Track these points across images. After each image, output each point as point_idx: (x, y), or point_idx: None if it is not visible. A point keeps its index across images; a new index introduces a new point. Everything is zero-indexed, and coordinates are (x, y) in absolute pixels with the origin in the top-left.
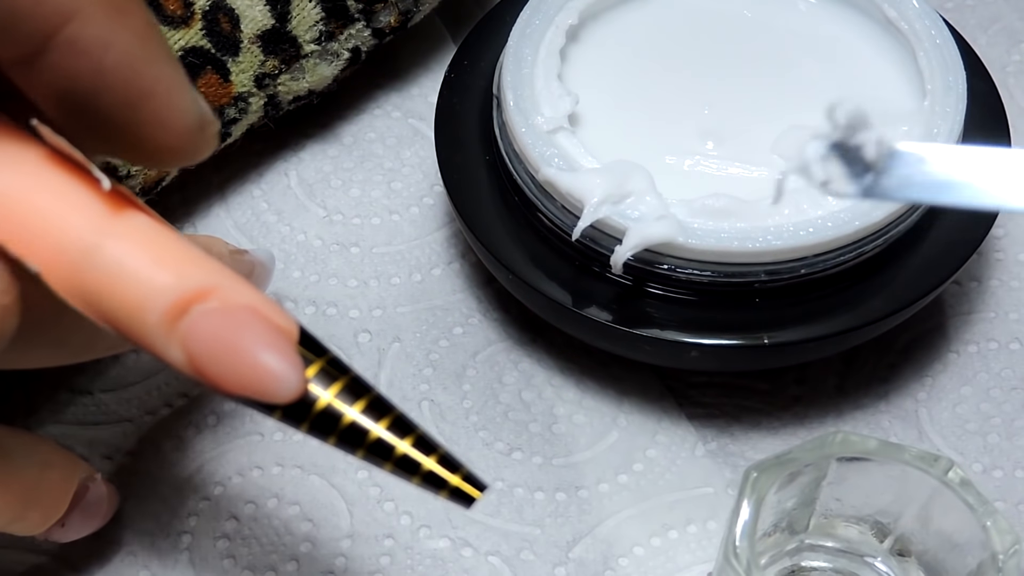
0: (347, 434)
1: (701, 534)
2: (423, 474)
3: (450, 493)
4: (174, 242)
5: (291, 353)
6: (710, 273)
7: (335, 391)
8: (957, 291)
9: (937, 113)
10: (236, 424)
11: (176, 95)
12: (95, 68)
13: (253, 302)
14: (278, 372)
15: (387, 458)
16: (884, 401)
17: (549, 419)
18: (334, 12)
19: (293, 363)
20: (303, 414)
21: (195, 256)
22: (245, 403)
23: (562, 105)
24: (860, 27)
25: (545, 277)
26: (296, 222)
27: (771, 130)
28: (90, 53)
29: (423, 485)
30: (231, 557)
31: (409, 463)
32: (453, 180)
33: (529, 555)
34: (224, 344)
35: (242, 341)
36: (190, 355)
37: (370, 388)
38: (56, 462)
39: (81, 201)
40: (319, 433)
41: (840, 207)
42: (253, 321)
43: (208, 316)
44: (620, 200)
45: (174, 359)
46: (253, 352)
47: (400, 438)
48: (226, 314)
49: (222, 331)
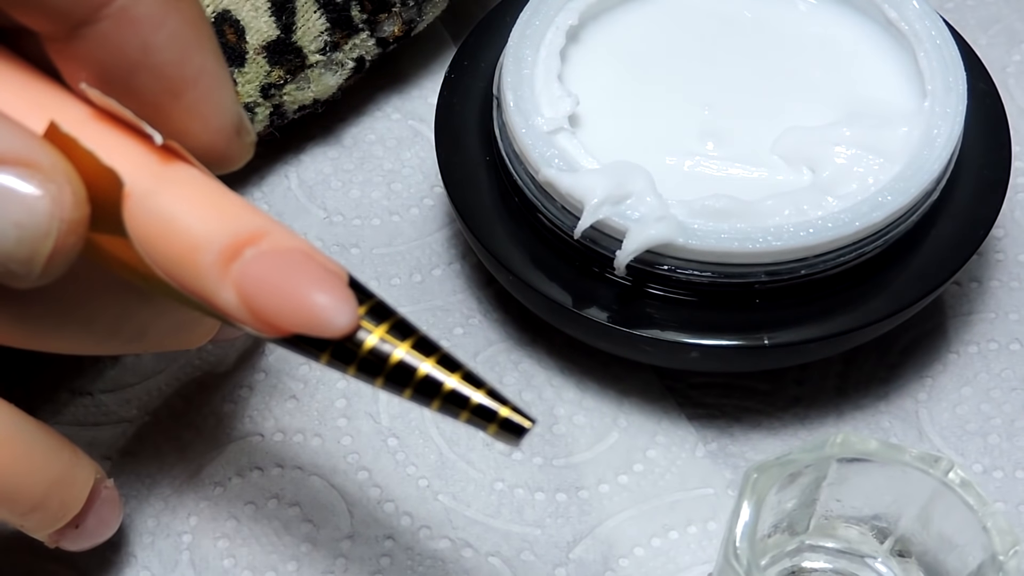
0: (395, 372)
1: (702, 535)
2: (472, 407)
3: (499, 426)
4: (225, 191)
5: (343, 289)
6: (710, 274)
7: (383, 330)
8: (957, 292)
9: (937, 114)
10: (236, 425)
11: (218, 91)
12: (143, 44)
13: (303, 246)
14: (331, 306)
15: (435, 395)
16: (884, 402)
17: (549, 420)
18: (339, 22)
19: (345, 298)
20: (351, 354)
21: (245, 203)
22: (294, 346)
23: (562, 106)
24: (860, 28)
25: (545, 278)
26: (297, 224)
27: (771, 131)
28: (141, 27)
29: (472, 420)
30: (231, 557)
31: (458, 398)
32: (453, 181)
33: (529, 556)
34: (278, 283)
35: (296, 279)
36: (244, 295)
37: (416, 328)
38: (78, 459)
39: (133, 152)
40: (366, 374)
41: (840, 208)
42: (306, 261)
43: (261, 257)
44: (620, 201)
45: (225, 301)
46: (307, 288)
47: (449, 373)
48: (279, 255)
49: (275, 271)
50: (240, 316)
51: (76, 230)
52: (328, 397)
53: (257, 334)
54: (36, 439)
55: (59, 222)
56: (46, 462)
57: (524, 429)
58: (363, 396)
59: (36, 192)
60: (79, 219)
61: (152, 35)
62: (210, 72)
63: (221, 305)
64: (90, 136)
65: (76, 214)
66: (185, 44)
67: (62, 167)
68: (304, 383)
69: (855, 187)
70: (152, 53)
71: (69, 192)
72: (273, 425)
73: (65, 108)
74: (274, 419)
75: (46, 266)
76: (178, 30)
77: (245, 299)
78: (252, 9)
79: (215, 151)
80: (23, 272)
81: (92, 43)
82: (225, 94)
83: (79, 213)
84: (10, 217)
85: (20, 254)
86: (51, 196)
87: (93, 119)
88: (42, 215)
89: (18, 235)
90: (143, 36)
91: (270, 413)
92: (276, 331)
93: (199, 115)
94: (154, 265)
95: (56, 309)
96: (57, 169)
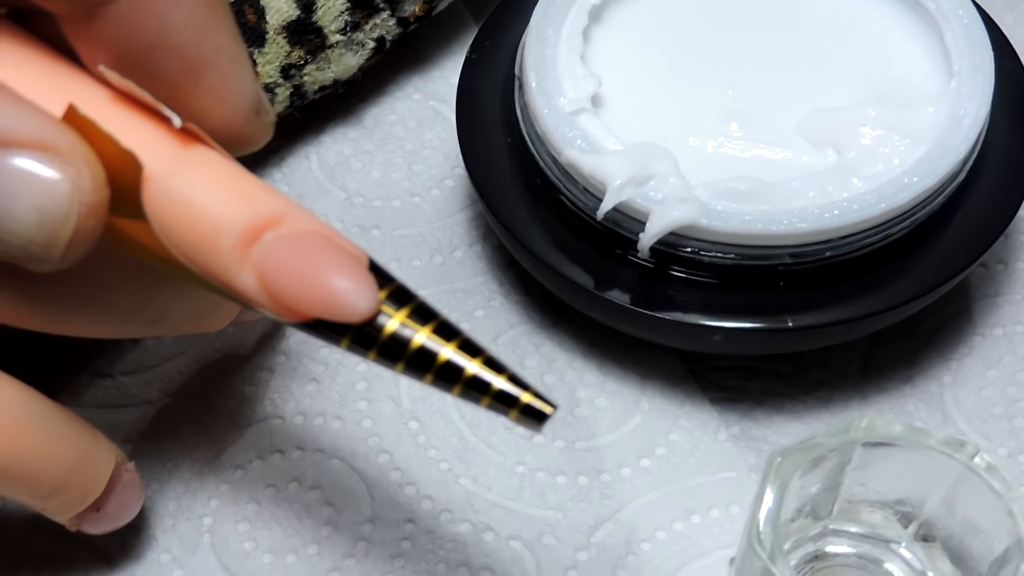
0: (416, 357)
1: (724, 519)
2: (494, 393)
3: (521, 411)
4: (244, 174)
5: (363, 273)
6: (734, 256)
7: (404, 314)
8: (983, 273)
9: (964, 94)
10: (256, 407)
11: (236, 71)
12: (161, 24)
13: (323, 229)
14: (352, 291)
15: (456, 380)
16: (909, 385)
17: (571, 402)
18: (359, 2)
19: (366, 282)
20: (372, 339)
21: (265, 186)
22: (314, 330)
23: (585, 86)
24: (886, 7)
25: (567, 260)
26: (317, 205)
27: (796, 111)
28: (158, 7)
29: (493, 405)
30: (252, 540)
31: (479, 383)
32: (474, 162)
33: (551, 539)
34: (298, 266)
35: (316, 263)
36: (264, 278)
37: (437, 313)
38: (98, 441)
39: (152, 135)
40: (387, 359)
41: (866, 189)
42: (326, 245)
43: (282, 241)
44: (643, 182)
45: (245, 285)
46: (327, 273)
47: (470, 359)
48: (299, 239)
49: (296, 254)
50: (260, 300)
51: (96, 213)
52: (349, 379)
53: (277, 318)
54: (56, 423)
55: (79, 205)
56: (67, 446)
57: (545, 415)
58: (384, 379)
59: (56, 176)
60: (99, 202)
61: (169, 15)
62: (228, 52)
63: (240, 289)
64: (109, 118)
65: (96, 197)
66: (202, 24)
67: (81, 150)
68: (325, 365)
69: (881, 168)
70: (170, 33)
71: (88, 175)
72: (294, 407)
73: (84, 90)
74: (295, 401)
75: (67, 250)
76: (195, 10)
77: (265, 283)
78: None
79: (234, 132)
80: (44, 256)
81: (109, 24)
82: (244, 74)
83: (99, 196)
84: (30, 201)
85: (41, 238)
86: (71, 179)
87: (112, 101)
88: (62, 199)
89: (38, 219)
90: (160, 16)
91: (291, 395)
92: (296, 315)
93: (218, 96)
94: (173, 249)
95: (76, 292)
96: (76, 152)
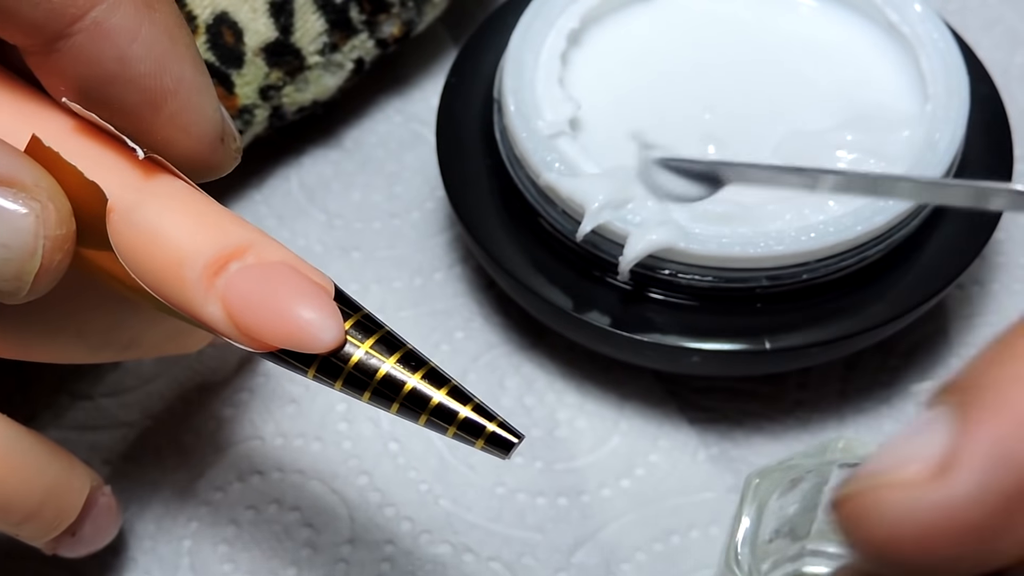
0: (382, 387)
1: (703, 539)
2: (460, 422)
3: (487, 440)
4: (210, 204)
5: (329, 304)
6: (711, 278)
7: (370, 344)
8: (959, 295)
9: (939, 117)
10: (236, 429)
11: (198, 100)
12: (119, 56)
13: (289, 259)
14: (317, 322)
15: (422, 409)
16: (887, 405)
17: (551, 424)
18: (337, 23)
19: (331, 313)
20: (338, 369)
21: (230, 216)
22: (280, 360)
23: (563, 110)
24: (862, 30)
25: (546, 282)
26: (297, 226)
27: (773, 134)
28: (115, 39)
29: (458, 435)
30: (232, 562)
31: (445, 412)
32: (454, 184)
33: (530, 560)
34: (263, 298)
35: (281, 294)
36: (229, 310)
37: (404, 343)
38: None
39: (116, 166)
40: (353, 388)
41: (842, 212)
42: (291, 275)
43: (246, 272)
44: (621, 205)
45: (211, 315)
46: (292, 304)
47: (436, 389)
48: (264, 269)
49: (261, 285)
50: (226, 331)
51: (62, 246)
52: (329, 401)
53: (244, 348)
54: (28, 449)
55: (44, 240)
56: (39, 472)
57: (512, 443)
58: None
59: (20, 210)
60: (64, 235)
61: (127, 47)
62: (189, 81)
63: (207, 320)
64: (73, 149)
65: (61, 231)
66: (162, 54)
67: (45, 183)
68: (305, 387)
69: None
70: (128, 65)
71: (53, 209)
72: (274, 429)
73: (48, 120)
74: (275, 423)
75: (34, 283)
76: (154, 41)
77: (231, 314)
78: (250, 11)
79: (199, 160)
80: (12, 290)
81: (68, 56)
82: (206, 102)
83: (64, 230)
84: None
85: (7, 273)
86: (35, 214)
87: (76, 132)
88: (27, 234)
89: (4, 255)
90: (118, 48)
91: (271, 417)
92: (262, 346)
93: (181, 125)
94: (140, 280)
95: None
96: (40, 186)
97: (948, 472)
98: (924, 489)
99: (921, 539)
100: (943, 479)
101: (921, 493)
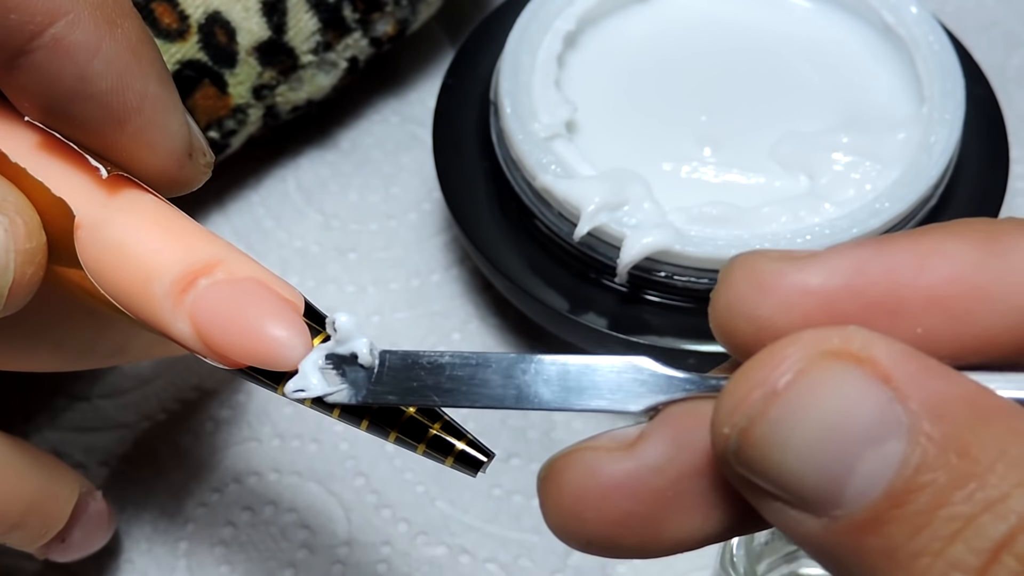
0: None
1: None
2: (428, 439)
3: (455, 459)
4: (178, 218)
5: (297, 322)
6: (707, 280)
7: None
8: None
9: (935, 119)
10: (233, 430)
11: (164, 116)
12: (79, 73)
13: (258, 274)
14: (284, 340)
15: (392, 426)
16: None
17: (547, 425)
18: (331, 22)
19: (299, 331)
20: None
21: (199, 231)
22: (251, 376)
23: (559, 112)
24: (858, 33)
25: (542, 284)
26: (294, 228)
27: (769, 137)
28: (75, 56)
29: (428, 453)
30: (228, 563)
31: (414, 431)
32: (451, 186)
33: (527, 562)
34: (231, 314)
35: (248, 311)
36: (197, 326)
37: None
38: (59, 474)
39: (82, 182)
40: (322, 407)
41: (838, 215)
42: (259, 291)
43: (215, 288)
44: (617, 207)
45: (180, 332)
46: (260, 321)
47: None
48: (232, 285)
49: (229, 302)
50: (195, 347)
51: (34, 260)
52: None
53: (214, 364)
54: (11, 459)
55: (15, 254)
56: (22, 482)
57: (481, 462)
58: None
59: None
60: (35, 249)
61: (87, 64)
62: (153, 97)
63: (176, 336)
64: (39, 166)
65: (31, 244)
66: (123, 70)
67: (13, 198)
68: None
69: (852, 193)
70: (89, 82)
71: (21, 223)
72: (271, 431)
73: (13, 136)
74: (271, 424)
75: (9, 298)
76: (115, 57)
77: (199, 331)
78: (243, 10)
79: (167, 176)
80: None
81: (28, 73)
82: (172, 119)
83: (34, 243)
84: None
85: None
86: (3, 228)
87: (41, 148)
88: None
89: None
90: (78, 66)
91: (267, 418)
92: (231, 363)
93: (146, 142)
94: (110, 296)
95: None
96: (8, 200)
97: (637, 444)
98: (615, 454)
99: (604, 496)
100: (632, 449)
101: (612, 456)
